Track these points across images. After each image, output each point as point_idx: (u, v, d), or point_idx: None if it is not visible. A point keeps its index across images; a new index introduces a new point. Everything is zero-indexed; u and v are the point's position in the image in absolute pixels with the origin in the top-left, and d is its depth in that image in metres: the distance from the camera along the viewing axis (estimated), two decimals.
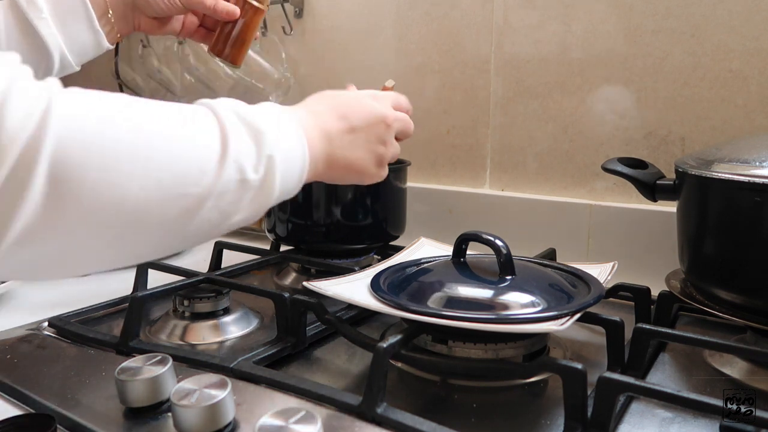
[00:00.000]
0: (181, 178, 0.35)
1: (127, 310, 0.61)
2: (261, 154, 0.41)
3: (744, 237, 0.55)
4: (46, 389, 0.51)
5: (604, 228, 0.85)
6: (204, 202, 0.37)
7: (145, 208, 0.34)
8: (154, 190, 0.34)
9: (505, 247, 0.59)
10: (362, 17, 1.08)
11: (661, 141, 0.83)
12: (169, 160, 0.35)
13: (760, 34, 0.74)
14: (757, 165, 0.54)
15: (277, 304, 0.61)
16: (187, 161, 0.36)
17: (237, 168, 0.39)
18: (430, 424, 0.44)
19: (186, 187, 0.36)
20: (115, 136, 0.32)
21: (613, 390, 0.44)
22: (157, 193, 0.34)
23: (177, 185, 0.35)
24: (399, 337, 0.50)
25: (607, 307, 0.69)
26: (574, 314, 0.50)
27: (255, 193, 0.41)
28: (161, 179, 0.34)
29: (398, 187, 0.89)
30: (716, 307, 0.58)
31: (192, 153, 0.36)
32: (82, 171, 0.31)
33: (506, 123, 0.95)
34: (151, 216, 0.35)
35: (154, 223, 0.35)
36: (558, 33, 0.88)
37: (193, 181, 0.36)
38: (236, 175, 0.39)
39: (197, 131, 0.38)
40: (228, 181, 0.38)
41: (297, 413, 0.40)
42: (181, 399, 0.43)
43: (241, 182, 0.39)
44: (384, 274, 0.63)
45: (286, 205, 0.86)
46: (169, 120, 0.36)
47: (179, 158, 0.36)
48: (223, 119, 0.39)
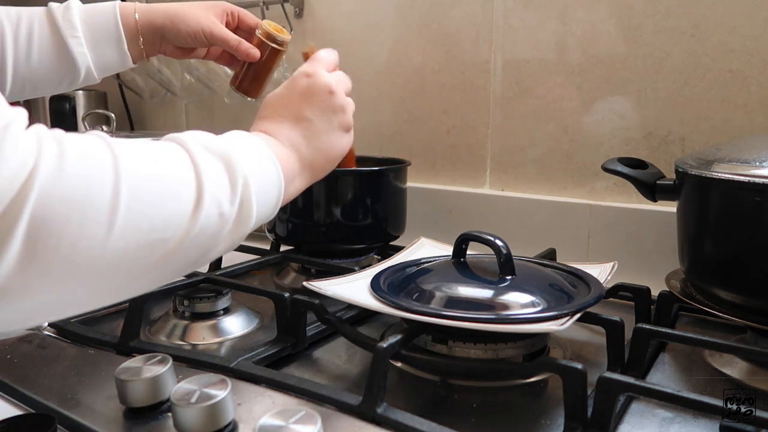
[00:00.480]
0: (159, 223, 0.35)
1: (127, 310, 0.60)
2: (235, 184, 0.41)
3: (744, 237, 0.55)
4: (46, 389, 0.51)
5: (604, 228, 0.85)
6: (183, 243, 0.37)
7: (124, 257, 0.34)
8: (132, 240, 0.34)
9: (505, 247, 0.59)
10: (362, 17, 1.08)
11: (661, 141, 0.83)
12: (148, 208, 0.35)
13: (760, 34, 0.74)
14: (757, 165, 0.54)
15: (277, 304, 0.61)
16: (165, 207, 0.36)
17: (214, 203, 0.39)
18: (430, 424, 0.44)
19: (165, 231, 0.36)
20: (98, 191, 0.32)
21: (613, 390, 0.44)
22: (135, 242, 0.34)
23: (156, 231, 0.35)
24: (399, 337, 0.50)
25: (607, 307, 0.69)
26: (574, 314, 0.50)
27: (233, 225, 0.41)
28: (140, 228, 0.34)
29: (398, 187, 0.89)
30: (716, 307, 0.58)
31: (169, 199, 0.36)
32: (61, 228, 0.30)
33: (506, 123, 0.95)
34: (130, 263, 0.35)
35: (133, 269, 0.35)
36: (558, 33, 0.88)
37: (171, 225, 0.36)
38: (214, 210, 0.39)
39: (173, 174, 0.37)
40: (206, 218, 0.38)
41: (297, 413, 0.40)
42: (181, 399, 0.43)
43: (219, 216, 0.39)
44: (384, 274, 0.63)
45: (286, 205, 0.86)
46: (147, 166, 0.36)
47: (157, 205, 0.35)
48: (195, 155, 0.39)
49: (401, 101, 1.06)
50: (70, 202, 0.31)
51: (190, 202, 0.37)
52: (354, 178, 0.84)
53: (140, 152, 0.36)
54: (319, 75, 0.55)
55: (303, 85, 0.54)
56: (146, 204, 0.34)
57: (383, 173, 0.87)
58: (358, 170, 0.85)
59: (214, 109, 1.34)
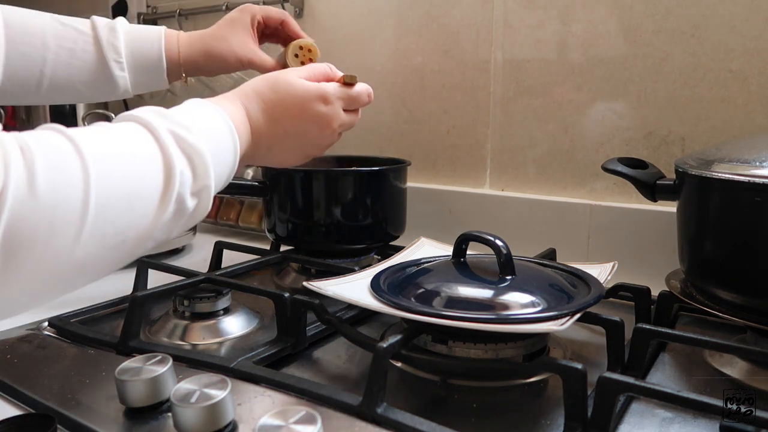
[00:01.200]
0: (123, 228, 0.37)
1: (127, 310, 0.61)
2: (199, 181, 0.41)
3: (744, 237, 0.55)
4: (46, 389, 0.51)
5: (604, 228, 0.85)
6: (143, 242, 0.39)
7: (88, 259, 0.35)
8: (98, 246, 0.35)
9: (505, 247, 0.59)
10: (362, 17, 1.08)
11: (661, 141, 0.83)
12: (114, 216, 0.36)
13: (760, 34, 0.74)
14: (757, 165, 0.54)
15: (277, 304, 0.61)
16: (131, 212, 0.37)
17: (177, 201, 0.40)
18: (430, 424, 0.44)
19: (127, 233, 0.37)
20: (66, 203, 0.33)
21: (613, 390, 0.44)
22: (101, 246, 0.36)
23: (119, 234, 0.37)
24: (399, 337, 0.50)
25: (607, 307, 0.69)
26: (574, 314, 0.50)
27: (188, 218, 0.42)
28: (105, 234, 0.35)
29: (398, 187, 0.89)
30: (716, 307, 0.58)
31: (135, 200, 0.37)
32: (31, 240, 0.32)
33: (506, 123, 0.95)
34: (96, 263, 0.36)
35: (99, 266, 0.37)
36: (558, 33, 0.88)
37: (135, 226, 0.38)
38: (175, 207, 0.40)
39: (141, 173, 0.38)
40: (167, 215, 0.39)
41: (297, 413, 0.40)
42: (181, 399, 0.43)
43: (178, 212, 0.40)
44: (384, 274, 0.63)
45: (286, 205, 0.86)
46: (116, 168, 0.37)
47: (123, 212, 0.37)
48: (166, 148, 0.40)
49: (401, 101, 1.06)
50: (39, 218, 0.32)
51: (154, 203, 0.38)
52: (354, 178, 0.84)
53: (109, 150, 0.37)
54: (334, 112, 0.55)
55: (314, 109, 0.54)
56: (112, 211, 0.36)
57: (383, 173, 0.87)
58: (358, 170, 0.85)
59: None
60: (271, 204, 0.88)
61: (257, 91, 0.53)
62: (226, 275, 0.76)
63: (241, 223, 1.16)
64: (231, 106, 0.50)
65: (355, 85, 0.57)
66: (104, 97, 0.72)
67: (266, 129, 0.52)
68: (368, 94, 0.59)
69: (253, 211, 1.14)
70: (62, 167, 0.34)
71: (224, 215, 1.17)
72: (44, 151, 0.33)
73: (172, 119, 0.42)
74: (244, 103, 0.52)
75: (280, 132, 0.53)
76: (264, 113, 0.52)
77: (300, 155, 0.57)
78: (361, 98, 0.58)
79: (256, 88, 0.53)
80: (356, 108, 0.59)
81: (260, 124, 0.52)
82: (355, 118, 0.59)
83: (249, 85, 0.53)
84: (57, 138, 0.35)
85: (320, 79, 0.56)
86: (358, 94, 0.58)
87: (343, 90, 0.56)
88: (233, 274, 0.79)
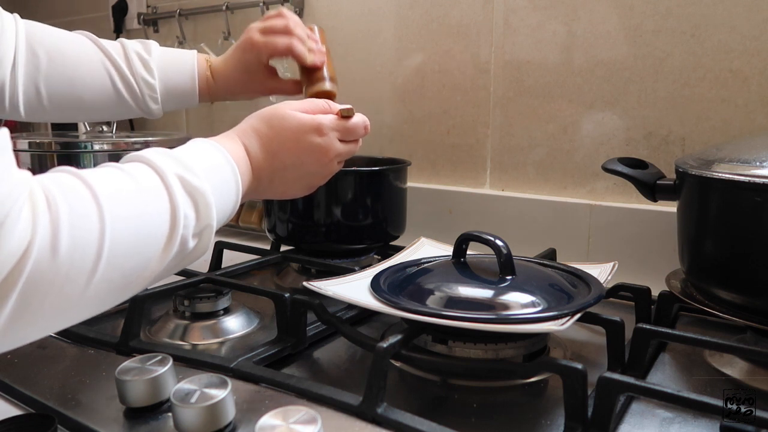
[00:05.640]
0: (129, 272, 0.39)
1: (127, 310, 0.60)
2: (201, 223, 0.43)
3: (744, 237, 0.55)
4: (46, 389, 0.51)
5: (604, 228, 0.85)
6: (146, 282, 0.41)
7: (94, 301, 0.38)
8: (105, 290, 0.37)
9: (505, 247, 0.59)
10: (362, 17, 1.08)
11: (662, 141, 0.83)
12: (123, 260, 0.38)
13: (760, 34, 0.74)
14: (758, 165, 0.54)
15: (277, 304, 0.61)
16: (138, 255, 0.39)
17: (180, 243, 0.41)
18: (430, 424, 0.44)
19: (133, 275, 0.39)
20: (82, 257, 0.35)
21: (613, 390, 0.44)
22: (107, 290, 0.38)
23: (126, 278, 0.38)
24: (399, 337, 0.50)
25: (607, 307, 0.69)
26: (575, 314, 0.50)
27: (187, 256, 0.43)
28: (113, 279, 0.37)
29: (398, 187, 0.89)
30: (716, 307, 0.58)
31: (143, 246, 0.39)
32: (46, 292, 0.34)
33: (506, 123, 0.95)
34: (100, 303, 0.39)
35: (102, 306, 0.39)
36: (558, 33, 0.88)
37: (140, 270, 0.39)
38: (178, 249, 0.41)
39: (150, 222, 0.40)
40: (170, 256, 0.41)
41: (297, 413, 0.40)
42: (181, 399, 0.43)
43: (180, 252, 0.42)
44: (384, 274, 0.63)
45: (286, 205, 0.86)
46: (129, 211, 0.38)
47: (132, 255, 0.38)
48: (173, 194, 0.41)
49: (401, 101, 1.06)
50: (56, 273, 0.34)
51: (160, 246, 0.40)
52: (354, 178, 0.84)
53: (122, 196, 0.38)
54: (329, 143, 0.56)
55: (309, 141, 0.55)
56: (122, 258, 0.38)
57: (383, 173, 0.87)
58: (358, 170, 0.85)
59: (214, 110, 1.34)
60: (271, 204, 0.88)
61: (254, 128, 0.54)
62: (227, 275, 0.76)
63: (241, 223, 1.16)
64: (231, 144, 0.51)
65: (352, 117, 0.58)
66: (129, 117, 0.77)
67: (265, 163, 0.53)
68: (365, 126, 0.60)
69: (253, 211, 1.14)
70: (82, 221, 0.35)
71: None
72: (68, 202, 0.35)
73: (179, 161, 0.43)
74: (242, 140, 0.53)
75: (278, 165, 0.54)
76: (262, 148, 0.53)
77: (302, 186, 0.58)
78: (357, 130, 0.59)
79: (253, 125, 0.54)
80: (353, 139, 0.60)
81: (259, 159, 0.53)
82: (354, 147, 0.60)
83: (246, 123, 0.55)
84: (76, 184, 0.37)
85: (316, 112, 0.57)
86: (354, 125, 0.58)
87: (339, 122, 0.57)
88: (233, 274, 0.79)
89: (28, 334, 0.36)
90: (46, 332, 0.38)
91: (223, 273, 0.78)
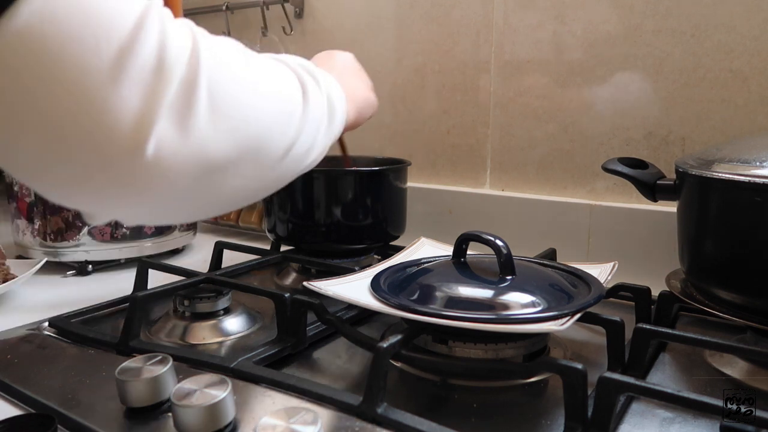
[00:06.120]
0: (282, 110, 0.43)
1: (127, 310, 0.61)
2: (322, 91, 0.49)
3: (744, 237, 0.55)
4: (46, 389, 0.51)
5: (604, 228, 0.85)
6: (299, 136, 0.45)
7: (263, 132, 0.41)
8: (270, 116, 0.41)
9: (506, 247, 0.59)
10: (362, 17, 1.08)
11: (662, 141, 0.83)
12: (273, 97, 0.42)
13: (760, 34, 0.74)
14: (758, 165, 0.54)
15: (277, 304, 0.61)
16: (284, 97, 0.44)
17: (314, 104, 0.47)
18: (430, 424, 0.44)
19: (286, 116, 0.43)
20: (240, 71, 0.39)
21: (613, 390, 0.44)
22: (270, 118, 0.41)
23: (282, 113, 0.43)
24: (399, 337, 0.50)
25: (607, 307, 0.69)
26: (575, 314, 0.50)
27: (326, 128, 0.49)
28: (269, 109, 0.41)
29: (398, 187, 0.89)
30: (716, 307, 0.58)
31: (285, 90, 0.44)
32: (226, 90, 0.37)
33: (506, 123, 0.95)
34: (267, 142, 0.42)
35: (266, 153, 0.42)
36: (558, 33, 0.88)
37: (289, 112, 0.44)
38: (316, 110, 0.47)
39: (283, 76, 0.45)
40: (312, 113, 0.46)
41: (297, 413, 0.40)
42: (181, 399, 0.43)
43: (322, 116, 0.48)
44: (384, 274, 0.63)
45: (286, 205, 0.86)
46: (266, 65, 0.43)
47: (278, 97, 0.43)
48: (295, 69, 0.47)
49: (401, 101, 1.06)
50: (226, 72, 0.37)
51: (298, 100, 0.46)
52: (354, 178, 0.84)
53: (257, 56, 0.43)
54: None
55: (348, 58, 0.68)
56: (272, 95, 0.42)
57: (383, 173, 0.87)
58: (358, 170, 0.85)
59: None
60: (271, 204, 0.88)
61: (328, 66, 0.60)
62: (227, 275, 0.76)
63: (241, 223, 1.16)
64: None
65: None
66: None
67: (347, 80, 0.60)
68: None
69: (253, 211, 1.14)
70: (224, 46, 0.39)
71: (224, 215, 1.17)
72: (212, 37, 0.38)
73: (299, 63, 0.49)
74: None
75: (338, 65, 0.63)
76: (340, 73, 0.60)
77: (363, 82, 0.65)
78: None
79: None
80: None
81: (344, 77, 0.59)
82: None
83: None
84: None
85: None
86: None
87: None
88: (233, 274, 0.79)
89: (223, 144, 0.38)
90: None
91: (223, 273, 0.78)
